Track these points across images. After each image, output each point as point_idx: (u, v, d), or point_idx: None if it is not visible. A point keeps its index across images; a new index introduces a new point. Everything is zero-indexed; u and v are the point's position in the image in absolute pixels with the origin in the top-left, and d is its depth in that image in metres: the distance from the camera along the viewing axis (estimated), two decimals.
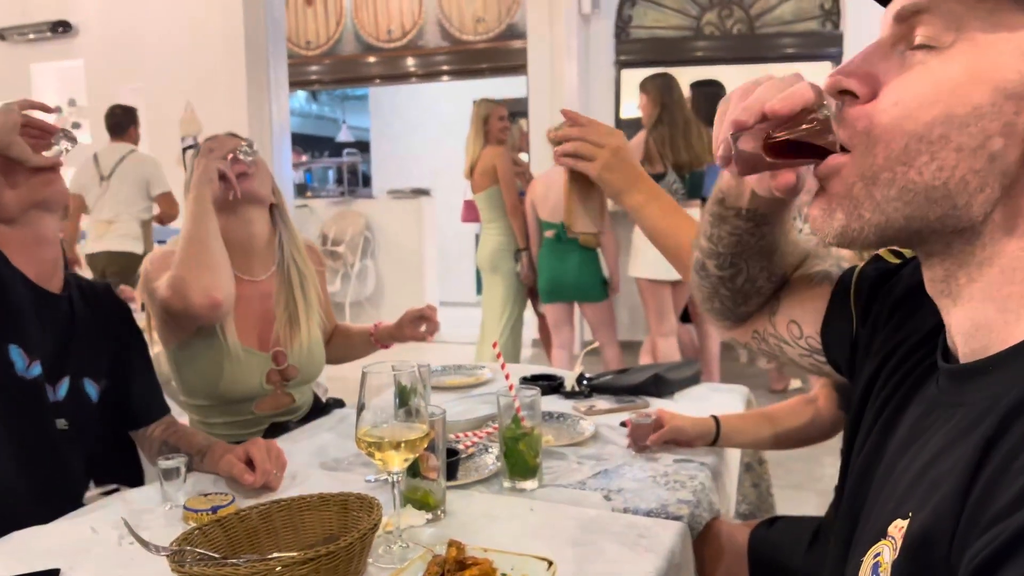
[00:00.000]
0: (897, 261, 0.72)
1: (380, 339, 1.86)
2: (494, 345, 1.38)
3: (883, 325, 0.68)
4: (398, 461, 1.05)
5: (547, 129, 1.06)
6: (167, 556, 0.92)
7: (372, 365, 1.09)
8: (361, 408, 1.06)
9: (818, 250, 0.84)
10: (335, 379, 2.16)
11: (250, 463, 1.28)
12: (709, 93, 4.15)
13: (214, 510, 1.15)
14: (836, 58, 5.26)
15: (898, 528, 0.52)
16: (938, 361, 0.59)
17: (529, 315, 4.43)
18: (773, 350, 0.85)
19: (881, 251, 0.73)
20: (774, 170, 0.62)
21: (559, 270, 3.95)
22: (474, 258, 5.59)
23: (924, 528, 0.48)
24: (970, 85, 0.49)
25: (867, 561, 0.54)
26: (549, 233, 4.00)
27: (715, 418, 1.43)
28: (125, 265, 4.27)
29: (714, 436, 1.41)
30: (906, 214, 0.52)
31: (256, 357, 1.61)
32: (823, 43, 5.29)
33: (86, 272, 4.32)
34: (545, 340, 4.54)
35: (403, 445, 1.04)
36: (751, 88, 0.63)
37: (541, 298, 4.09)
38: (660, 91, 3.74)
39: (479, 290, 7.56)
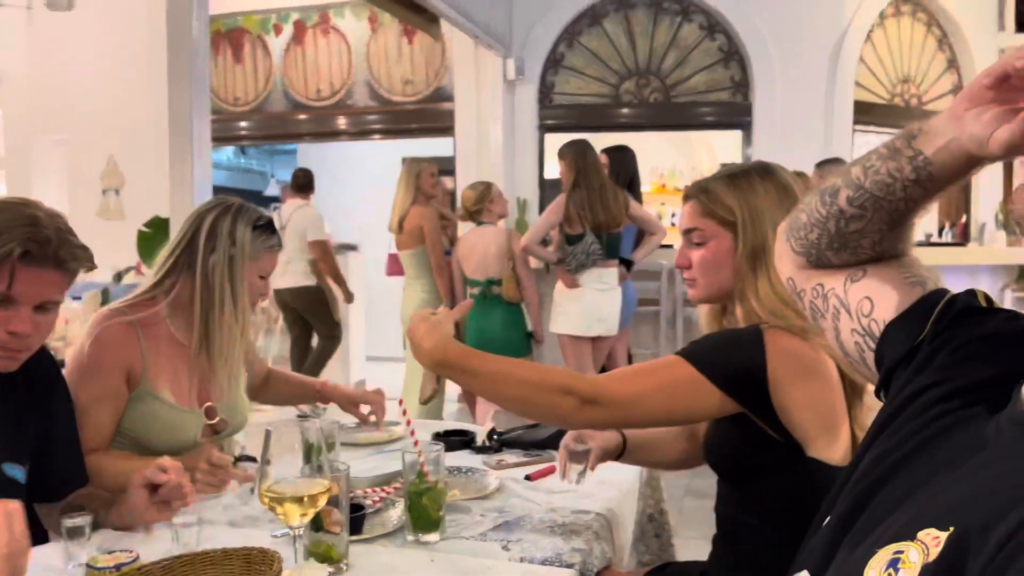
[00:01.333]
0: (985, 305, 0.75)
1: (325, 396, 1.98)
2: (400, 402, 1.44)
3: (950, 352, 0.71)
4: (298, 516, 1.09)
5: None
6: None
7: (278, 423, 1.14)
8: (265, 464, 1.11)
9: (920, 261, 0.86)
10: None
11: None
12: (621, 158, 4.36)
13: (118, 567, 1.16)
14: (747, 127, 5.57)
15: (932, 536, 0.56)
16: (1013, 405, 0.62)
17: None
18: (826, 310, 0.86)
19: (978, 291, 0.77)
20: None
21: (485, 326, 4.04)
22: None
23: (968, 547, 0.53)
24: None
25: (883, 554, 0.58)
26: (474, 290, 4.10)
27: (622, 435, 1.57)
28: (306, 295, 5.34)
29: (620, 450, 1.56)
30: None
31: (191, 415, 1.67)
32: (734, 112, 5.60)
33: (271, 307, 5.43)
34: (468, 396, 4.59)
35: (305, 500, 1.09)
36: None
37: None
38: (574, 156, 3.93)
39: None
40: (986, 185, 5.86)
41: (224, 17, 6.21)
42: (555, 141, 5.01)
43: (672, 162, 7.49)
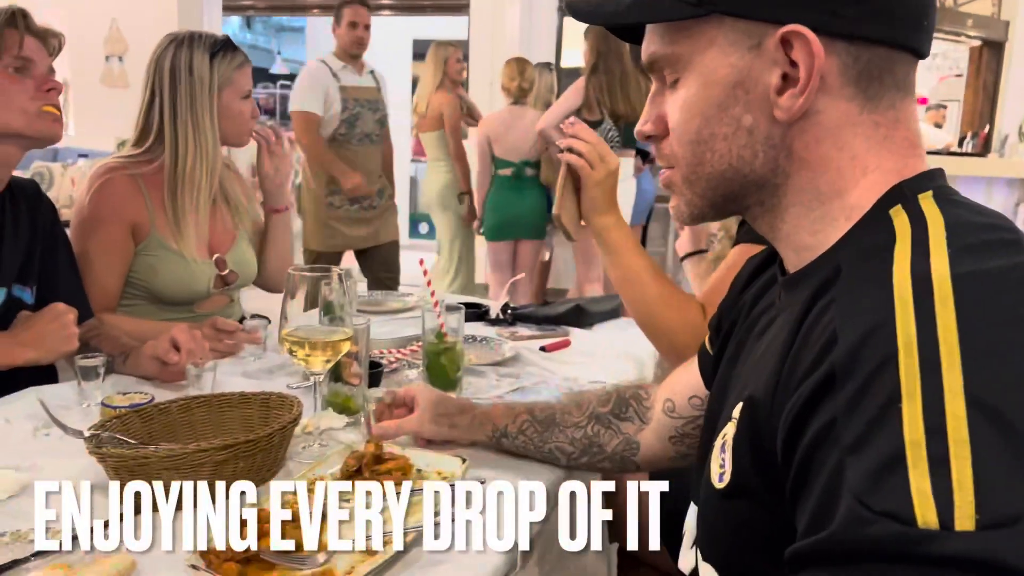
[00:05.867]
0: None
1: (270, 204, 1.83)
2: (420, 262, 1.41)
3: (737, 319, 0.81)
4: (320, 362, 1.07)
5: (566, 122, 1.09)
6: (84, 439, 0.93)
7: (296, 269, 1.11)
8: (286, 310, 1.08)
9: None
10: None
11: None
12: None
13: (133, 407, 1.15)
14: None
15: (737, 410, 0.65)
16: (778, 276, 0.72)
17: (482, 252, 4.42)
18: (682, 426, 0.98)
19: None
20: None
21: (516, 207, 4.03)
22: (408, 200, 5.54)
23: (752, 401, 0.62)
24: (707, 91, 0.65)
25: (718, 443, 0.68)
26: (506, 171, 4.03)
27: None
28: None
29: None
30: (721, 193, 0.68)
31: (203, 265, 1.65)
32: None
33: None
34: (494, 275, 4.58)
35: (327, 346, 1.07)
36: None
37: (487, 236, 4.13)
38: (597, 39, 3.76)
39: (412, 233, 7.51)
40: (1013, 96, 5.67)
41: None
42: (575, 25, 4.81)
43: None
